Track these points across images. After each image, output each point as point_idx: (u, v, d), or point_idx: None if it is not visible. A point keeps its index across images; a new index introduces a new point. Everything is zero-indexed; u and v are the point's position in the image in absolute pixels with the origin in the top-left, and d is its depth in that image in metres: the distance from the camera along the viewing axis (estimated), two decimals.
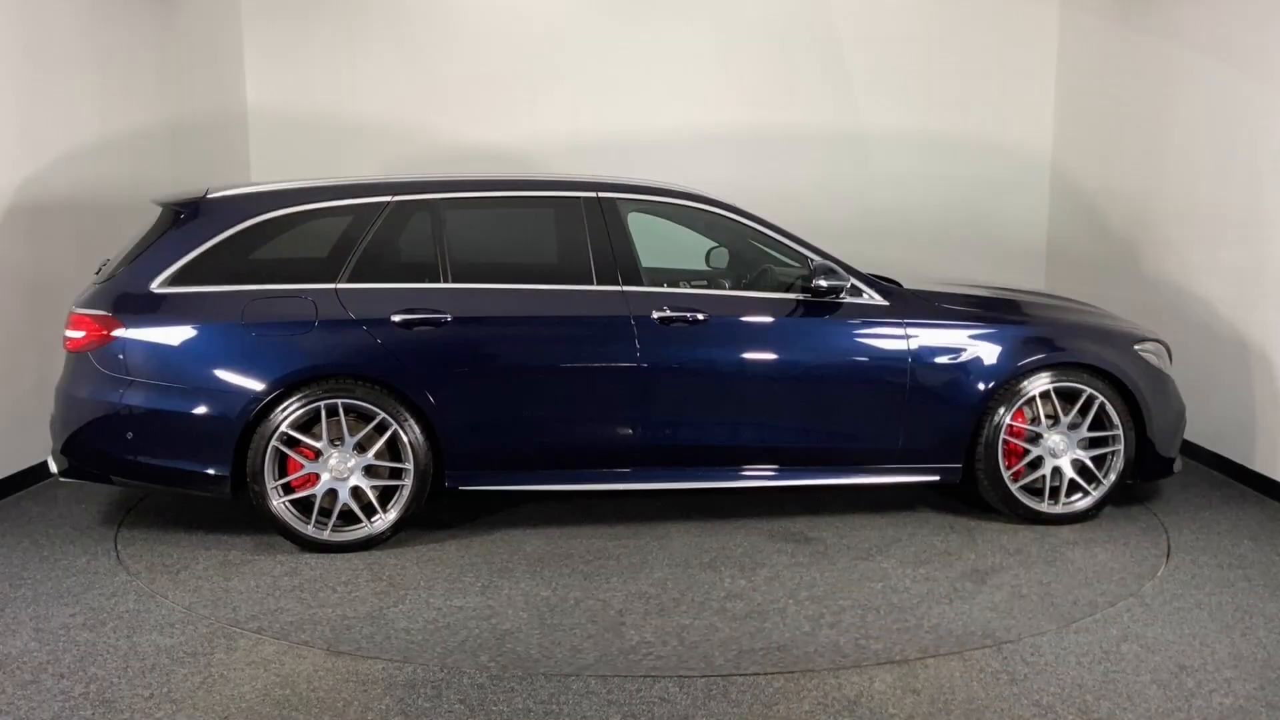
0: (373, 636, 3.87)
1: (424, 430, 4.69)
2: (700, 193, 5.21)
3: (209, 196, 4.82)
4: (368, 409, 4.64)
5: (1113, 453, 5.05)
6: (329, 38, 7.85)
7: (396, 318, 4.66)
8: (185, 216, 4.73)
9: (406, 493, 4.70)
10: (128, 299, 4.61)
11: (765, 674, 3.61)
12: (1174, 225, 6.39)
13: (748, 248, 5.41)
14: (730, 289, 5.26)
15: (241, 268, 4.71)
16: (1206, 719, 3.33)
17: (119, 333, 4.56)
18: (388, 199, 4.86)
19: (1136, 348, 5.14)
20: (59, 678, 3.58)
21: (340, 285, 4.70)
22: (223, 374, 4.58)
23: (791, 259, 5.10)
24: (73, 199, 5.88)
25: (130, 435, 4.58)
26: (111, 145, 6.23)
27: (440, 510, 5.14)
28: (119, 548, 4.78)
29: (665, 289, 5.00)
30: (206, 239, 4.69)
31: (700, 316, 4.84)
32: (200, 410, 4.56)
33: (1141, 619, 4.05)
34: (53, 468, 4.80)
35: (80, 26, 5.94)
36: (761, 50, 7.93)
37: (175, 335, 4.58)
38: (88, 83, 6.02)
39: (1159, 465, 5.16)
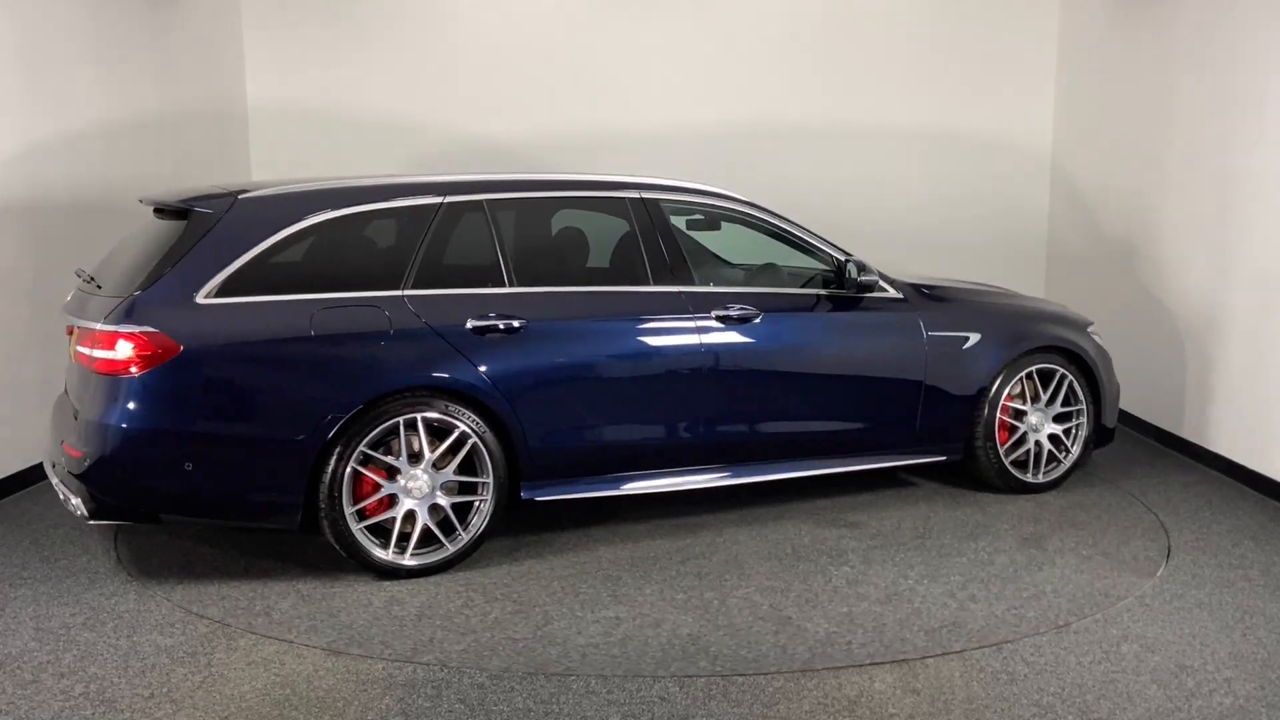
0: (566, 656, 3.73)
1: (500, 441, 4.50)
2: (728, 192, 5.27)
3: (243, 198, 4.40)
4: (448, 422, 4.37)
5: (1077, 425, 5.58)
6: (329, 33, 7.85)
7: (471, 324, 4.45)
8: (220, 221, 4.29)
9: (488, 508, 4.48)
10: (176, 312, 4.10)
11: (765, 674, 3.61)
12: (1174, 224, 6.39)
13: (692, 245, 5.40)
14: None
15: (292, 275, 4.33)
16: (1206, 719, 3.33)
17: (171, 351, 4.05)
18: (439, 199, 4.63)
19: (1089, 330, 5.74)
20: (59, 677, 3.58)
21: (407, 292, 4.42)
22: (298, 391, 4.21)
23: (815, 256, 5.30)
24: (72, 197, 5.88)
25: (189, 466, 4.11)
26: (111, 143, 6.22)
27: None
28: (119, 548, 4.77)
29: (721, 288, 5.04)
30: (252, 245, 4.26)
31: (752, 313, 4.93)
32: (273, 433, 4.17)
33: (1141, 619, 4.05)
34: (78, 509, 4.17)
35: (79, 23, 5.94)
36: (760, 49, 7.93)
37: (240, 351, 4.16)
38: (86, 79, 6.01)
39: (1105, 434, 5.75)
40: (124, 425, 4.06)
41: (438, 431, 4.40)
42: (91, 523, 4.24)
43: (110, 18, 6.23)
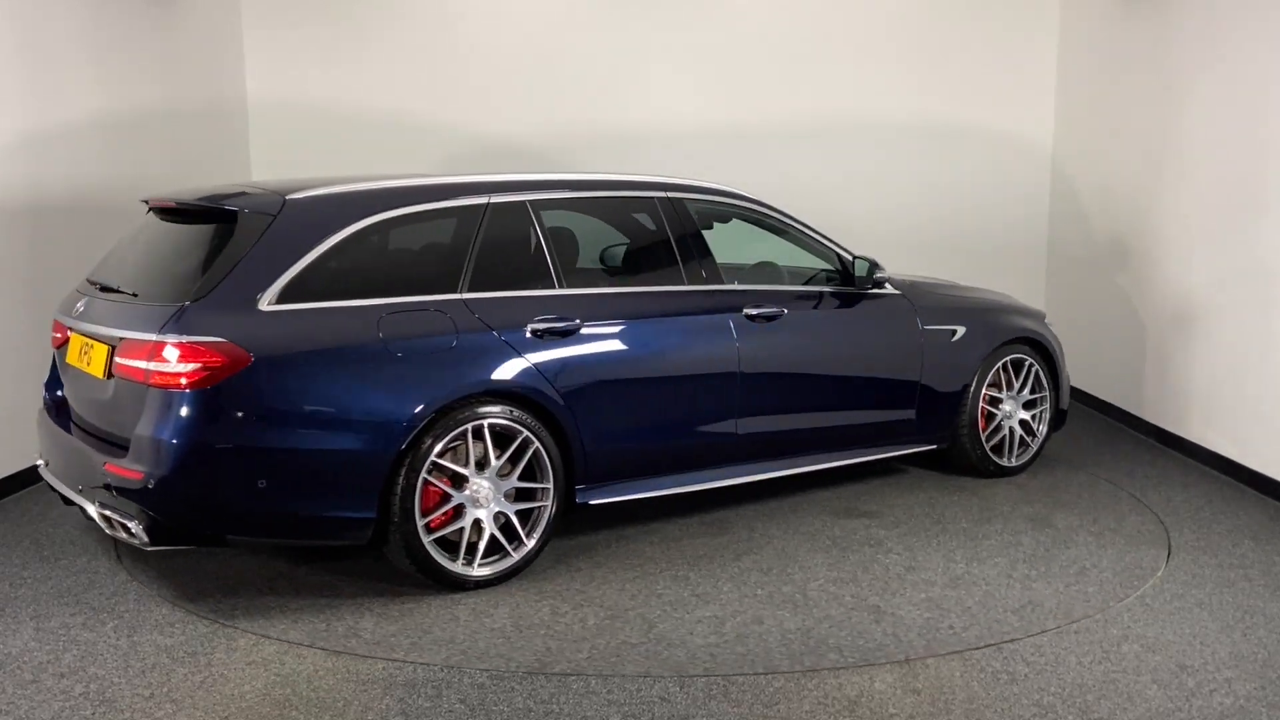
0: (695, 658, 3.72)
1: (558, 445, 4.44)
2: (740, 191, 5.37)
3: (292, 199, 4.20)
4: (512, 427, 4.28)
5: (1041, 411, 5.92)
6: (329, 32, 7.84)
7: (531, 327, 4.38)
8: (272, 223, 4.09)
9: (549, 514, 4.41)
10: (241, 321, 3.89)
11: (765, 674, 3.61)
12: (1175, 223, 6.38)
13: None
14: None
15: (350, 279, 4.18)
16: (1207, 719, 3.33)
17: (242, 361, 3.83)
18: (485, 200, 4.54)
19: (1046, 321, 6.09)
20: (59, 677, 3.58)
21: (465, 295, 4.33)
22: (371, 400, 4.03)
23: (823, 255, 5.46)
24: (72, 195, 5.88)
25: (263, 483, 3.89)
26: (110, 141, 6.22)
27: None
28: (119, 548, 4.76)
29: (750, 286, 5.16)
30: (308, 248, 4.08)
31: (777, 311, 5.06)
32: (348, 445, 3.98)
33: (1141, 619, 4.05)
34: (136, 535, 3.89)
35: (79, 21, 5.94)
36: (760, 48, 7.93)
37: (312, 360, 3.98)
38: (86, 77, 6.01)
39: (1060, 417, 6.05)
40: (194, 442, 3.81)
41: (499, 437, 4.30)
42: (151, 549, 3.98)
43: (110, 16, 6.22)
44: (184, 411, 3.80)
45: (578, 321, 4.51)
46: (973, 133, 8.07)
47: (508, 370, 4.30)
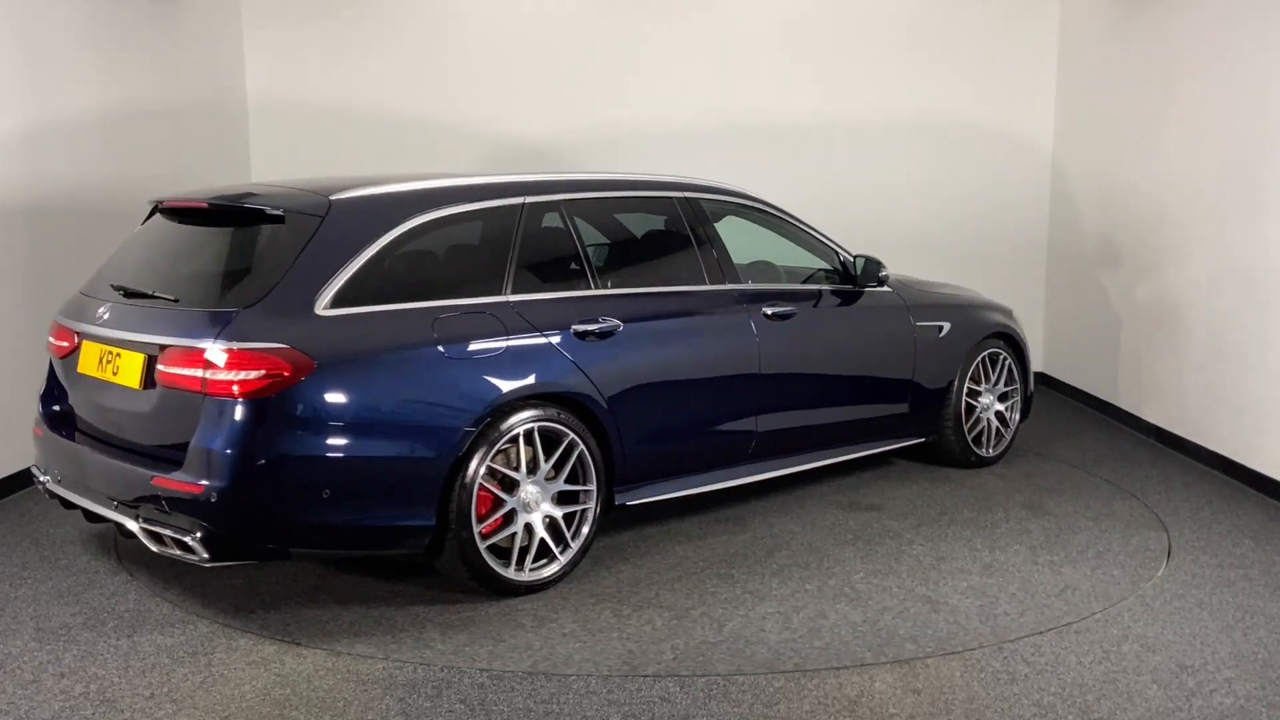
0: (779, 655, 3.72)
1: (599, 446, 4.41)
2: (747, 192, 5.44)
3: (338, 200, 4.10)
4: (559, 430, 4.23)
5: (1014, 402, 6.14)
6: (329, 30, 7.84)
7: (575, 328, 4.36)
8: (321, 226, 3.99)
9: (592, 516, 4.37)
10: (301, 326, 3.78)
11: (765, 674, 3.61)
12: (1175, 222, 6.39)
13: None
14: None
15: (399, 282, 4.13)
16: (1207, 719, 3.33)
17: (305, 368, 3.71)
18: (521, 200, 4.50)
19: (1014, 316, 6.28)
20: (59, 677, 3.58)
21: (510, 297, 4.29)
22: (430, 405, 3.97)
23: (824, 255, 5.57)
24: (71, 194, 5.88)
25: (327, 493, 3.79)
26: (109, 140, 6.21)
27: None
28: (119, 548, 4.76)
29: (767, 285, 5.25)
30: (357, 251, 3.99)
31: (791, 310, 5.15)
32: (411, 451, 3.91)
33: (1142, 619, 4.05)
34: (196, 553, 3.73)
35: (78, 19, 5.94)
36: (762, 49, 7.93)
37: (373, 365, 3.89)
38: (85, 77, 6.01)
39: (1027, 406, 6.27)
40: (258, 452, 3.68)
41: (544, 440, 4.25)
42: (210, 565, 3.84)
43: (110, 15, 6.22)
44: (247, 420, 3.67)
45: (618, 322, 4.52)
46: (973, 133, 8.07)
47: (556, 372, 4.28)
